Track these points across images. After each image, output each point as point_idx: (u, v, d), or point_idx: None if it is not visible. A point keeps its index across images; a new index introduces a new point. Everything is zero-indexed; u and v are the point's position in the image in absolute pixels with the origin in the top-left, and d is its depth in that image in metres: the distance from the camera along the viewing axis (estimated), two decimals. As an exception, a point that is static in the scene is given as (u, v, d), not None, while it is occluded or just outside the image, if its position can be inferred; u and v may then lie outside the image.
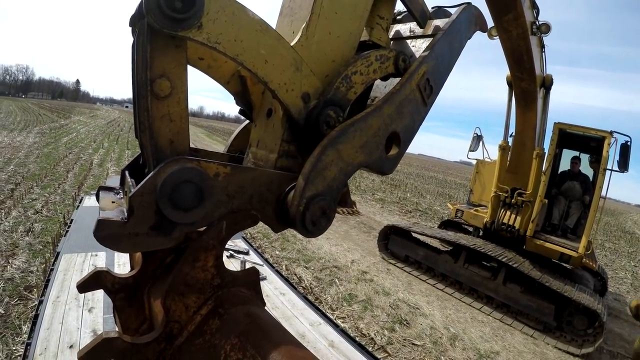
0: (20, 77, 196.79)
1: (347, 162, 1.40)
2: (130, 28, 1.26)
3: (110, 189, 1.42)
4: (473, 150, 10.95)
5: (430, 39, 1.78)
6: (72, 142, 25.62)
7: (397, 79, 1.66)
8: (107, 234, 1.02)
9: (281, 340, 1.17)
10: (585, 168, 9.64)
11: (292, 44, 1.38)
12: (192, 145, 1.41)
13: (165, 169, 1.06)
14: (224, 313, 1.23)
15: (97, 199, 1.33)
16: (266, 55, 1.26)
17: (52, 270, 5.16)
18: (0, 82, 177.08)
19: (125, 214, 1.08)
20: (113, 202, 1.28)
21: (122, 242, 1.05)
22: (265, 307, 1.41)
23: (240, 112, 1.80)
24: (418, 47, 1.85)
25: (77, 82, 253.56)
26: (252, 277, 1.41)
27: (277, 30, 1.64)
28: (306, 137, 1.44)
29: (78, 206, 8.39)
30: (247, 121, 1.83)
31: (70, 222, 7.17)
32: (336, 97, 1.46)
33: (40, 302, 4.37)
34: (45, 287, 4.73)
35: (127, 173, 1.40)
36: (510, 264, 7.91)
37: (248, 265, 5.95)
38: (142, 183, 1.05)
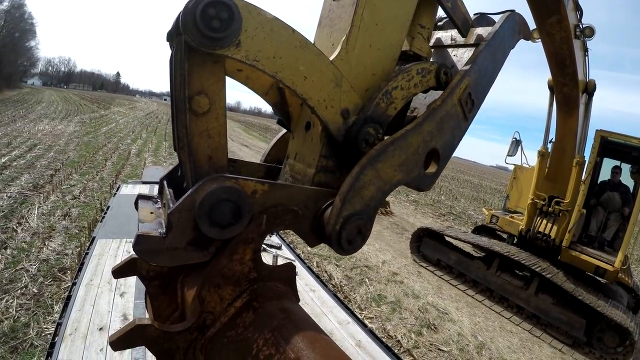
0: (63, 69, 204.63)
1: (385, 181, 1.37)
2: (168, 42, 1.24)
3: (148, 198, 1.43)
4: (511, 155, 10.66)
5: (473, 48, 1.73)
6: (111, 132, 26.45)
7: (438, 91, 1.61)
8: (146, 249, 1.04)
9: (315, 338, 1.14)
10: (627, 179, 9.25)
11: (331, 57, 1.35)
12: (229, 144, 1.39)
13: (204, 187, 1.07)
14: (259, 307, 1.22)
15: (136, 208, 1.35)
16: (305, 71, 1.24)
17: (86, 254, 5.31)
18: (43, 73, 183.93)
19: (164, 227, 1.10)
20: (152, 212, 1.30)
21: (160, 256, 1.07)
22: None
23: (279, 122, 1.78)
24: (460, 56, 1.79)
25: (118, 74, 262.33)
26: (288, 273, 1.39)
27: (316, 42, 1.60)
28: (345, 154, 1.42)
29: (115, 193, 8.62)
30: (285, 131, 1.80)
31: (107, 209, 7.38)
32: (376, 114, 1.42)
33: (74, 284, 4.50)
34: (79, 270, 4.88)
35: (165, 183, 1.41)
36: (543, 274, 7.70)
37: (280, 260, 5.98)
38: (181, 200, 1.06)
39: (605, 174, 9.52)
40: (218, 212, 1.07)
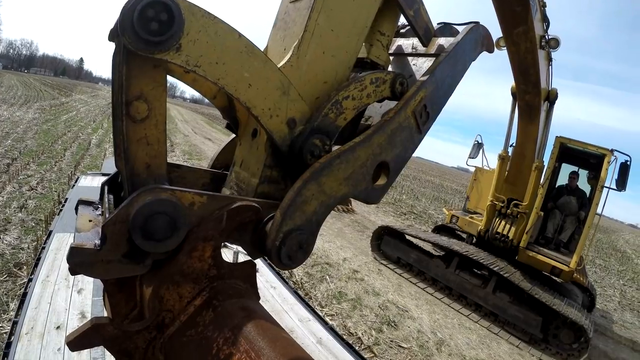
0: (24, 52, 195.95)
1: (329, 196, 1.32)
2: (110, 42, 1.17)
3: (89, 204, 1.35)
4: (473, 158, 10.96)
5: (433, 59, 1.68)
6: (72, 121, 25.49)
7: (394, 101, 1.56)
8: (80, 261, 1.00)
9: (276, 337, 1.15)
10: (583, 184, 9.66)
11: (281, 63, 1.30)
12: (188, 134, 1.35)
13: (139, 199, 1.03)
14: (219, 305, 1.21)
15: (76, 213, 1.29)
16: (250, 78, 1.19)
17: (43, 248, 5.13)
18: (4, 56, 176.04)
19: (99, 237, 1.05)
20: (90, 220, 1.23)
21: (94, 269, 1.02)
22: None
23: (227, 126, 1.73)
24: (419, 66, 1.73)
25: (81, 60, 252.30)
26: (249, 271, 1.39)
27: (269, 45, 1.54)
28: (290, 164, 1.38)
29: (74, 185, 8.34)
30: (234, 135, 1.73)
31: (65, 201, 7.14)
32: (324, 124, 1.37)
33: (30, 281, 4.35)
34: (36, 265, 4.71)
35: (106, 188, 1.35)
36: (501, 273, 7.94)
37: (241, 257, 5.94)
38: (115, 212, 1.02)
39: (563, 179, 9.92)
40: (153, 225, 1.03)
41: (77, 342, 1.12)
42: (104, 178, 1.44)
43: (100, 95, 69.14)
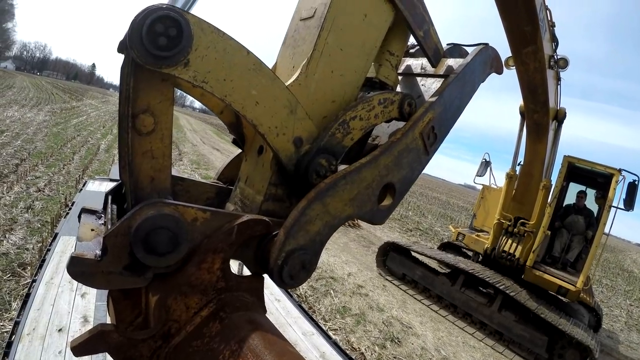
0: (38, 55, 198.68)
1: (334, 216, 1.30)
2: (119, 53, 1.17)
3: (92, 212, 1.35)
4: (480, 176, 10.94)
5: (442, 80, 1.67)
6: (82, 125, 25.75)
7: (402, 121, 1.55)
8: (80, 271, 0.99)
9: (282, 351, 1.13)
10: (591, 203, 9.60)
11: (289, 82, 1.30)
12: (196, 144, 1.34)
13: (141, 212, 1.02)
14: (226, 317, 1.20)
15: (79, 220, 1.28)
16: (257, 96, 1.19)
17: (48, 250, 5.15)
18: (17, 57, 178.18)
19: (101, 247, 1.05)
20: (93, 229, 1.22)
21: (95, 280, 1.02)
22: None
23: (234, 141, 1.72)
24: (428, 87, 1.72)
25: (93, 65, 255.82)
26: (256, 284, 1.38)
27: (278, 62, 1.54)
28: (295, 183, 1.37)
29: (81, 189, 8.38)
30: (241, 150, 1.72)
31: (72, 205, 7.17)
32: (330, 144, 1.36)
33: (34, 282, 4.35)
34: (40, 267, 4.72)
35: (110, 198, 1.34)
36: (507, 292, 7.87)
37: (246, 268, 5.93)
38: (117, 224, 1.02)
39: (570, 198, 9.86)
40: (154, 240, 1.02)
41: (81, 347, 1.11)
42: (112, 183, 1.44)
43: (110, 101, 69.84)
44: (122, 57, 1.10)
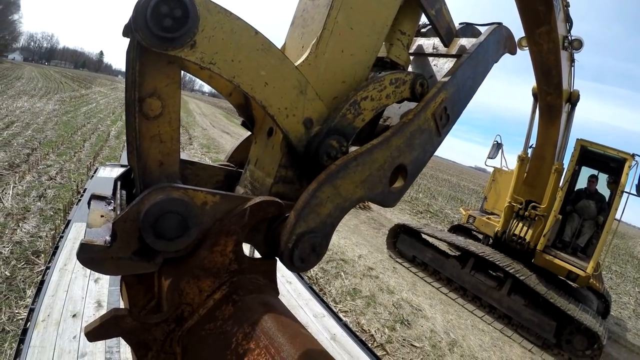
0: (45, 45, 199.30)
1: (345, 198, 1.29)
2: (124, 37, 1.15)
3: (102, 199, 1.34)
4: (492, 158, 10.82)
5: (454, 60, 1.64)
6: (91, 113, 25.88)
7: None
8: (90, 257, 0.99)
9: (296, 333, 1.14)
10: (603, 188, 9.49)
11: (299, 62, 1.28)
12: (206, 128, 1.32)
13: (150, 197, 1.02)
14: (239, 300, 1.20)
15: (88, 207, 1.27)
16: (266, 77, 1.17)
17: (61, 237, 5.22)
18: (25, 48, 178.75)
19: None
20: (102, 215, 1.21)
21: (104, 266, 1.02)
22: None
23: (243, 123, 1.71)
24: (440, 67, 1.70)
25: (101, 53, 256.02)
26: (269, 266, 1.37)
27: (287, 43, 1.51)
28: (306, 165, 1.35)
29: (92, 176, 8.47)
30: (250, 133, 1.71)
31: (84, 192, 7.25)
32: (341, 125, 1.34)
33: (47, 269, 4.42)
34: (54, 254, 4.79)
35: (119, 184, 1.34)
36: (517, 275, 7.86)
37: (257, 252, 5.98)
38: (126, 209, 1.02)
39: (582, 182, 9.76)
40: (164, 224, 1.02)
41: (95, 332, 1.12)
42: (122, 169, 1.44)
43: (119, 87, 70.02)
44: (125, 37, 1.08)
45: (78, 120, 20.88)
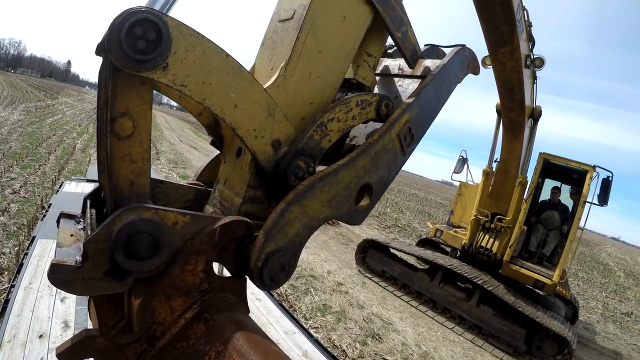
0: (12, 51, 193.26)
1: (312, 217, 1.32)
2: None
3: (71, 217, 1.35)
4: (457, 172, 11.10)
5: (419, 80, 1.68)
6: (57, 124, 25.16)
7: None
8: (61, 278, 0.99)
9: (267, 350, 1.16)
10: (566, 199, 9.83)
11: (268, 84, 1.31)
12: (174, 142, 1.34)
13: (121, 217, 1.02)
14: (210, 318, 1.22)
15: (57, 225, 1.28)
16: (236, 99, 1.19)
17: (26, 254, 5.04)
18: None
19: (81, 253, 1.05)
20: (72, 235, 1.22)
21: (75, 286, 1.02)
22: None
23: (212, 142, 1.72)
24: (405, 87, 1.74)
25: (69, 62, 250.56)
26: (239, 285, 1.40)
27: (257, 64, 1.54)
28: (274, 185, 1.38)
29: (58, 190, 8.21)
30: (219, 152, 1.73)
31: (49, 207, 7.02)
32: (308, 146, 1.37)
33: (12, 287, 4.26)
34: (18, 271, 4.62)
35: (88, 202, 1.33)
36: (485, 286, 8.01)
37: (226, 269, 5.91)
38: (97, 229, 1.02)
39: (546, 194, 10.08)
40: (135, 245, 1.02)
41: (67, 353, 1.12)
42: (89, 184, 1.43)
43: (86, 99, 68.31)
44: (98, 56, 1.10)
45: (43, 132, 20.28)
